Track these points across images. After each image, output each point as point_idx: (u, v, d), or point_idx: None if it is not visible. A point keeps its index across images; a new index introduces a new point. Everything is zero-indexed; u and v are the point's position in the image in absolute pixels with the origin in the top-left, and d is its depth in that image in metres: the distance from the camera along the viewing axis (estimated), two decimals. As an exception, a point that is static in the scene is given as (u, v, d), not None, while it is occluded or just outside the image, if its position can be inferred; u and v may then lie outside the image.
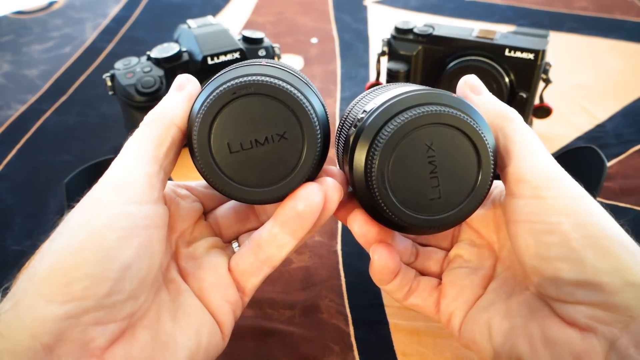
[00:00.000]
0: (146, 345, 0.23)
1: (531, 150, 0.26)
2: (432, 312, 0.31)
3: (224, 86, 0.24)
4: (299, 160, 0.25)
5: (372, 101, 0.27)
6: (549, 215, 0.24)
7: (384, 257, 0.29)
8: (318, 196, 0.25)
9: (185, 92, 0.27)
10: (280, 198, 0.26)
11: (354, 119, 0.28)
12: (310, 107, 0.25)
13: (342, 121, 0.31)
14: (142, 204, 0.23)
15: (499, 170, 0.28)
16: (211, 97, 0.24)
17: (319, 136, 0.25)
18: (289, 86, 0.24)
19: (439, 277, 0.31)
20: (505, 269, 0.29)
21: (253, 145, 0.25)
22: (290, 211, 0.26)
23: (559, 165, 0.26)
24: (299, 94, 0.24)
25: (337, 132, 0.32)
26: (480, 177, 0.25)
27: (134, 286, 0.22)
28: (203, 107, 0.24)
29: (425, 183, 0.25)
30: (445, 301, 0.30)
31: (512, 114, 0.28)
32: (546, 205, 0.24)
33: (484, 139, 0.25)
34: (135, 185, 0.24)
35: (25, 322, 0.20)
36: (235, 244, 0.31)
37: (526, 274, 0.26)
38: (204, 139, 0.24)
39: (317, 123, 0.25)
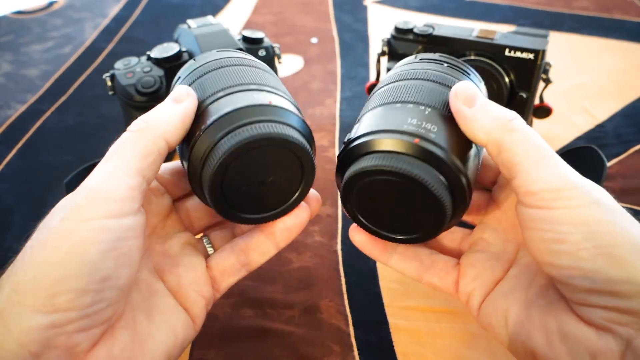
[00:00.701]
0: (126, 345, 0.25)
1: (536, 160, 0.25)
2: (450, 291, 0.31)
3: (238, 138, 0.25)
4: (296, 191, 0.29)
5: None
6: (559, 225, 0.24)
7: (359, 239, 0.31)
8: (306, 214, 0.30)
9: (181, 106, 0.27)
10: (275, 218, 0.29)
11: None
12: (312, 152, 0.28)
13: None
14: (123, 216, 0.24)
15: (505, 182, 0.28)
16: (226, 148, 0.25)
17: (315, 173, 0.28)
18: (300, 137, 0.27)
19: (457, 256, 0.32)
20: (527, 255, 0.29)
21: (259, 185, 0.27)
22: (279, 224, 0.30)
23: (569, 171, 0.25)
24: (306, 144, 0.27)
25: None
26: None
27: (114, 294, 0.23)
28: (218, 157, 0.25)
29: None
30: (464, 281, 0.30)
31: (512, 124, 0.26)
32: (556, 215, 0.24)
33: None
34: (117, 199, 0.24)
35: (12, 331, 0.21)
36: (205, 240, 0.32)
37: None
38: (217, 184, 0.26)
39: (314, 163, 0.28)
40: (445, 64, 0.31)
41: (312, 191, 0.31)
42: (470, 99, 0.27)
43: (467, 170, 0.26)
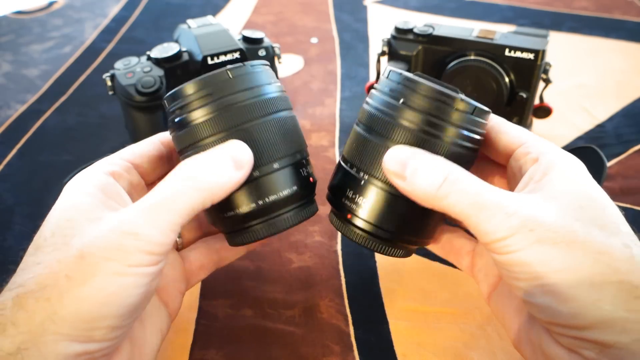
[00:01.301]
0: (129, 355, 0.27)
1: (476, 216, 0.25)
2: (469, 273, 0.33)
3: (274, 229, 0.30)
4: None
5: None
6: (510, 266, 0.25)
7: None
8: None
9: (241, 175, 0.27)
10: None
11: None
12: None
13: None
14: (159, 264, 0.26)
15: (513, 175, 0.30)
16: (262, 235, 0.30)
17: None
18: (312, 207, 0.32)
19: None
20: None
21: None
22: None
23: (509, 215, 0.25)
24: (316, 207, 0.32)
25: None
26: None
27: (134, 323, 0.26)
28: (252, 239, 0.30)
29: None
30: (476, 269, 0.32)
31: (443, 190, 0.26)
32: (505, 260, 0.25)
33: None
34: (161, 252, 0.25)
35: (47, 357, 0.22)
36: (178, 238, 0.34)
37: None
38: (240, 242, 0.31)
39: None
40: (401, 101, 0.28)
41: None
42: (399, 174, 0.27)
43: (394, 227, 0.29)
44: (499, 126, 0.30)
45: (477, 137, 0.29)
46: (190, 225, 0.34)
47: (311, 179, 0.31)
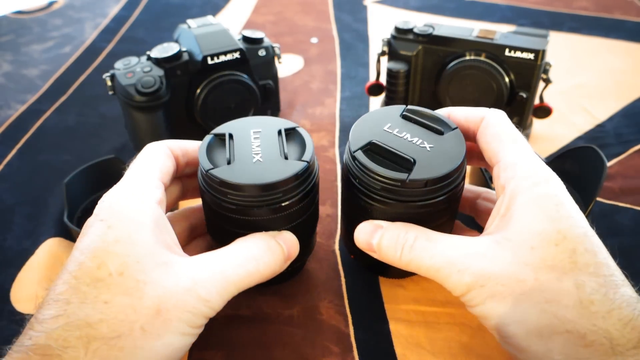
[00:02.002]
0: None
1: (437, 276, 0.28)
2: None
3: None
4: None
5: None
6: (479, 316, 0.28)
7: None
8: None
9: (286, 265, 0.31)
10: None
11: None
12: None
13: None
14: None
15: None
16: None
17: None
18: None
19: None
20: None
21: None
22: None
23: (467, 274, 0.27)
24: None
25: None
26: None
27: None
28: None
29: None
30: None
31: (405, 257, 0.29)
32: (473, 311, 0.28)
33: None
34: (200, 324, 0.27)
35: None
36: None
37: None
38: None
39: None
40: (357, 181, 0.32)
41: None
42: (368, 249, 0.31)
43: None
44: (485, 135, 0.31)
45: (440, 198, 0.30)
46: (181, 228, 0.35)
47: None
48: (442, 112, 0.33)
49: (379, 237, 0.29)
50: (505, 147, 0.29)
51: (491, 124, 0.30)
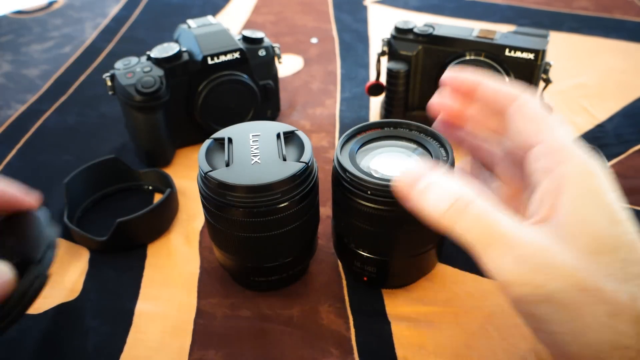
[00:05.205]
0: None
1: (485, 250, 0.24)
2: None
3: None
4: None
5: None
6: (515, 305, 0.25)
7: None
8: None
9: None
10: None
11: None
12: None
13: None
14: None
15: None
16: None
17: None
18: None
19: None
20: None
21: None
22: None
23: (528, 264, 0.23)
24: None
25: None
26: None
27: None
28: None
29: None
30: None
31: (448, 217, 0.24)
32: (511, 300, 0.25)
33: None
34: None
35: None
36: None
37: None
38: None
39: None
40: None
41: None
42: (407, 195, 0.26)
43: None
44: (522, 114, 0.27)
45: None
46: None
47: None
48: (471, 79, 0.31)
49: (427, 182, 0.25)
50: (550, 128, 0.26)
51: (530, 104, 0.28)
